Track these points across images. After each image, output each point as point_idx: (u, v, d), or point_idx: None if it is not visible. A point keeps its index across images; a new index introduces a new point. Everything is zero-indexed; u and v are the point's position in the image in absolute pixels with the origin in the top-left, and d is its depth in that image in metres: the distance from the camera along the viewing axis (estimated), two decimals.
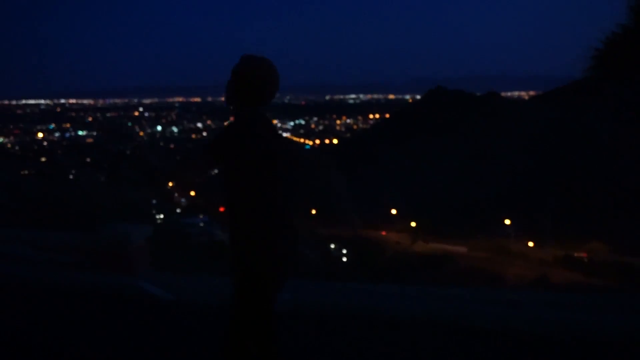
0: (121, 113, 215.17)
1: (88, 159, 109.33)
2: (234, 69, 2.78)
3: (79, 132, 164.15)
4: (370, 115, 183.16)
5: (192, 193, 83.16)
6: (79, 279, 5.90)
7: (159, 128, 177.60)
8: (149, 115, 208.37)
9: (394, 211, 62.09)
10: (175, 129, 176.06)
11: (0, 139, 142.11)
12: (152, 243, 6.23)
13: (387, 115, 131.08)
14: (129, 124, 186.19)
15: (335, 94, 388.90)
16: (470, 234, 54.96)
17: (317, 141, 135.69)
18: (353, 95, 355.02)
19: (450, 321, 4.70)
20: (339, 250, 36.50)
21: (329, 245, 37.68)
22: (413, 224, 58.50)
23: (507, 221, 55.61)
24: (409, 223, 58.61)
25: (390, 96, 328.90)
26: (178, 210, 52.75)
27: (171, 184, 72.93)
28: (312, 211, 66.03)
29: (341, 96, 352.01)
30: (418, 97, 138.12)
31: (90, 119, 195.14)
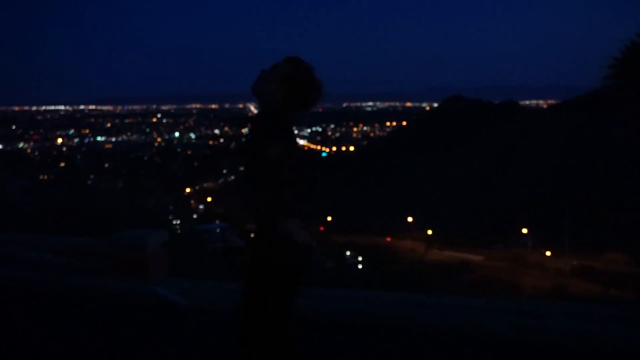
0: (139, 119, 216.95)
1: (106, 165, 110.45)
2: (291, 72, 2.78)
3: (98, 138, 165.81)
4: (387, 123, 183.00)
5: (209, 199, 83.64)
6: (95, 283, 5.97)
7: (177, 134, 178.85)
8: (166, 122, 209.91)
9: (410, 219, 61.87)
10: (192, 136, 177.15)
11: (20, 145, 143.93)
12: (169, 249, 6.28)
13: (404, 123, 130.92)
14: (147, 130, 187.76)
15: (352, 101, 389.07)
16: (487, 243, 54.60)
17: (334, 148, 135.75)
18: (370, 103, 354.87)
19: (465, 330, 4.70)
20: (354, 258, 36.44)
21: (344, 253, 37.64)
22: (429, 232, 58.25)
23: (525, 230, 55.19)
24: (425, 231, 58.38)
25: (408, 104, 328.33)
26: (195, 216, 53.05)
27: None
28: (328, 218, 66.08)
29: (358, 104, 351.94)
30: (435, 106, 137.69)
31: (109, 125, 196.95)
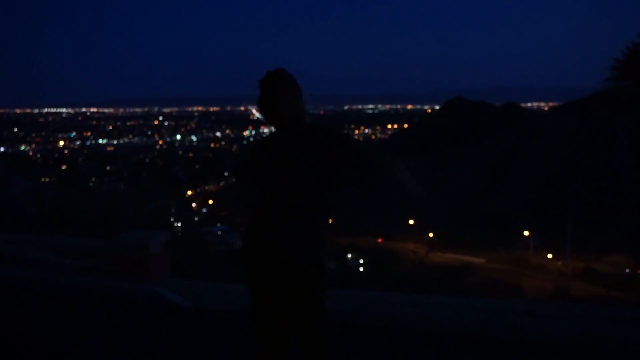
0: (141, 122, 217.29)
1: (108, 167, 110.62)
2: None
3: (100, 141, 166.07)
4: (389, 126, 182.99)
5: (211, 202, 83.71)
6: (98, 284, 5.99)
7: (179, 137, 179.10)
8: (168, 124, 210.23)
9: (411, 221, 61.86)
10: (194, 138, 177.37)
11: (23, 147, 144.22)
12: (171, 250, 6.29)
13: (406, 126, 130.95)
14: (149, 132, 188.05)
15: (353, 103, 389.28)
16: (489, 245, 54.56)
17: None
18: (371, 105, 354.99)
19: (468, 331, 4.70)
20: (355, 260, 36.45)
21: (346, 255, 37.64)
22: (430, 234, 58.23)
23: (526, 233, 55.16)
24: (427, 234, 58.35)
25: (409, 106, 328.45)
26: (196, 218, 53.07)
27: None
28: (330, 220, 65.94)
29: (359, 106, 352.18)
30: (437, 108, 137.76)
31: (110, 127, 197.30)
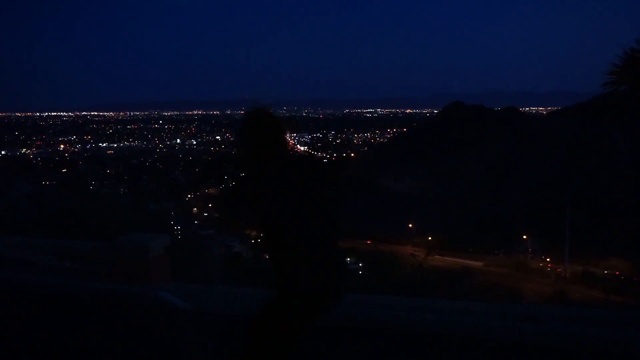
0: (141, 125, 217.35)
1: (108, 171, 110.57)
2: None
3: (100, 144, 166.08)
4: (389, 130, 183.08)
5: (211, 205, 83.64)
6: (99, 287, 6.02)
7: (179, 140, 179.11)
8: (168, 128, 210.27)
9: (410, 225, 61.89)
10: (194, 142, 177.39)
11: (23, 150, 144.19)
12: (171, 253, 6.32)
13: (405, 130, 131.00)
14: (149, 136, 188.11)
15: (353, 108, 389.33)
16: (488, 249, 54.57)
17: (335, 155, 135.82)
18: (371, 109, 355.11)
19: (466, 334, 4.73)
20: (355, 263, 36.40)
21: (345, 258, 37.59)
22: (429, 238, 58.25)
23: (525, 237, 55.24)
24: (426, 237, 58.36)
25: (408, 110, 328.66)
26: (196, 222, 53.06)
27: None
28: None
29: (359, 110, 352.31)
30: (436, 112, 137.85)
31: (111, 131, 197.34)
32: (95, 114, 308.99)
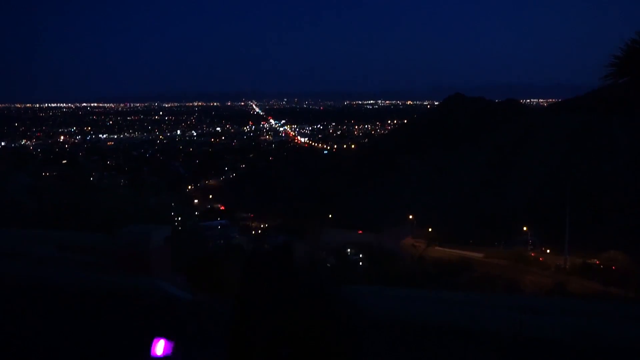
0: (141, 117, 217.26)
1: (108, 162, 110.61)
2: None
3: (100, 136, 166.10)
4: (389, 121, 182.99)
5: (211, 197, 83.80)
6: (99, 279, 6.02)
7: (179, 132, 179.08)
8: (168, 120, 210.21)
9: (410, 217, 61.96)
10: (194, 133, 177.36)
11: (23, 142, 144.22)
12: (171, 244, 6.32)
13: (405, 122, 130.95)
14: (149, 127, 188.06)
15: (353, 99, 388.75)
16: (488, 241, 54.62)
17: (335, 146, 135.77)
18: (371, 101, 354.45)
19: (464, 325, 4.74)
20: (355, 255, 36.45)
21: (346, 250, 37.62)
22: (429, 229, 58.36)
23: (524, 229, 55.33)
24: (427, 229, 58.46)
25: (409, 102, 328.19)
26: (196, 213, 53.15)
27: None
28: (329, 215, 66.11)
29: (359, 102, 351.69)
30: (437, 104, 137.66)
31: (111, 122, 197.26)
32: (95, 105, 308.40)
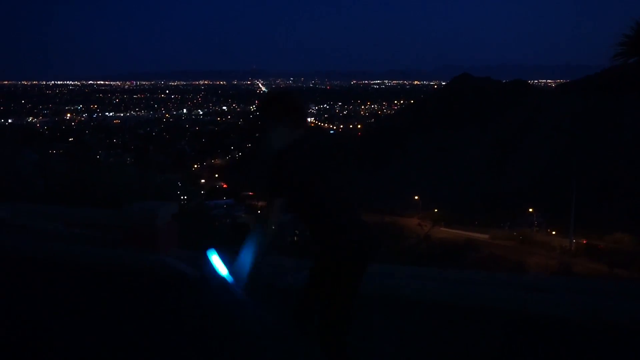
0: (147, 95, 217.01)
1: (115, 140, 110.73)
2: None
3: (106, 114, 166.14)
4: (395, 102, 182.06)
5: (217, 175, 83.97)
6: (107, 254, 6.07)
7: (185, 110, 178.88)
8: (175, 98, 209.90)
9: (416, 197, 61.92)
10: (200, 112, 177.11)
11: (30, 119, 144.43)
12: (178, 222, 6.36)
13: (412, 102, 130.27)
14: (156, 105, 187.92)
15: (360, 79, 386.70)
16: (494, 222, 54.58)
17: (341, 126, 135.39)
18: (378, 81, 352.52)
19: (468, 303, 4.77)
20: None
21: None
22: (435, 210, 58.33)
23: (530, 210, 55.25)
24: (433, 210, 58.42)
25: (416, 82, 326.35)
26: (202, 192, 53.30)
27: None
28: None
29: (366, 81, 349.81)
30: (444, 84, 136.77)
31: (117, 100, 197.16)
32: (102, 83, 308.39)
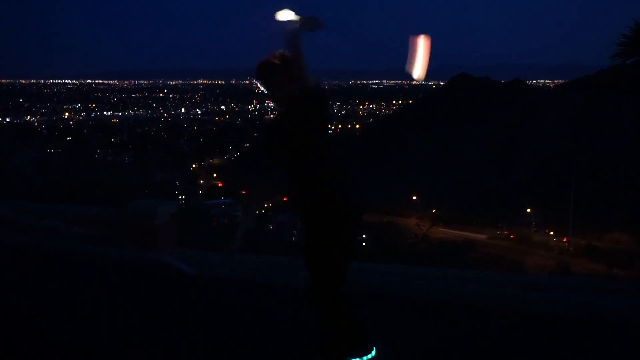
0: (146, 94, 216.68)
1: (113, 139, 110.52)
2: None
3: (105, 112, 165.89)
4: (394, 101, 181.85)
5: (215, 175, 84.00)
6: (106, 251, 6.07)
7: (183, 110, 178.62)
8: (173, 97, 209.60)
9: (414, 197, 61.97)
10: (199, 111, 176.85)
11: (28, 118, 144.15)
12: (177, 220, 6.36)
13: (411, 101, 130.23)
14: (154, 105, 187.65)
15: (358, 78, 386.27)
16: (492, 222, 54.64)
17: (340, 126, 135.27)
18: (376, 81, 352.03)
19: (468, 301, 4.77)
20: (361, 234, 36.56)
21: None
22: (434, 210, 58.36)
23: (528, 210, 55.33)
24: (431, 210, 58.46)
25: (414, 82, 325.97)
26: (200, 192, 53.26)
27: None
28: None
29: (364, 81, 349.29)
30: (442, 84, 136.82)
31: (115, 99, 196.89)
32: (100, 82, 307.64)
